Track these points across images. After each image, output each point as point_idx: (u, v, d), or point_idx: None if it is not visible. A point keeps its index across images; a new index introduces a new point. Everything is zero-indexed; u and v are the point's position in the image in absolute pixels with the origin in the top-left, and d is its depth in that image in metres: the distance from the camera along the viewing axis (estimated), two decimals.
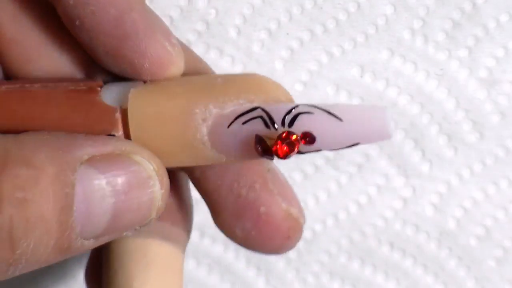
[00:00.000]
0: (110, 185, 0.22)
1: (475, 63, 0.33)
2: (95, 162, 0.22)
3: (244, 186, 0.25)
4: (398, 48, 0.33)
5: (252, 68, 0.33)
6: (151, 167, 0.22)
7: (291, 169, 0.35)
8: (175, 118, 0.23)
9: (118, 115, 0.23)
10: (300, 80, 0.33)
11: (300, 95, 0.34)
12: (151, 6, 0.33)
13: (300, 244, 0.36)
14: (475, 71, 0.33)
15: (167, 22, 0.33)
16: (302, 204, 0.35)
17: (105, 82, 0.24)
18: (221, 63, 0.33)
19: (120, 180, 0.22)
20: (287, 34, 0.33)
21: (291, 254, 0.36)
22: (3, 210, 0.20)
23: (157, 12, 0.33)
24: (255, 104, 0.23)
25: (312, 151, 0.22)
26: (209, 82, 0.24)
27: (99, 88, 0.24)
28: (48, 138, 0.22)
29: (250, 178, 0.25)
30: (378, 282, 0.36)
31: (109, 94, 0.24)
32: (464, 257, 0.36)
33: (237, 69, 0.33)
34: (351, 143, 0.22)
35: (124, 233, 0.23)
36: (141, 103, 0.23)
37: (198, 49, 0.33)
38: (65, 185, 0.21)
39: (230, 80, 0.24)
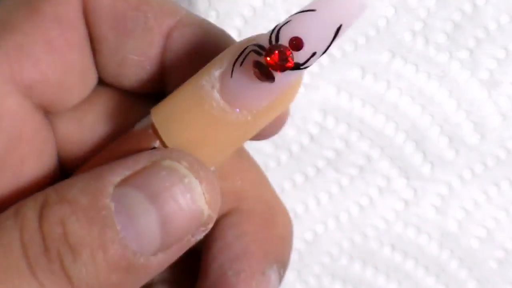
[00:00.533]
0: (148, 197, 0.23)
1: (476, 65, 0.33)
2: (130, 180, 0.23)
3: (232, 268, 0.26)
4: (399, 49, 0.33)
5: None
6: (182, 166, 0.23)
7: (292, 171, 0.35)
8: (190, 101, 0.24)
9: (150, 131, 0.24)
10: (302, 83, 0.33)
11: (301, 97, 0.34)
12: None
13: (301, 246, 0.36)
14: (476, 72, 0.33)
15: None
16: (303, 206, 0.36)
17: None
18: None
19: (155, 189, 0.23)
20: None
21: (292, 256, 0.36)
22: (49, 247, 0.22)
23: None
24: (244, 45, 0.23)
25: (309, 59, 0.22)
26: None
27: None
28: (82, 174, 0.23)
29: (242, 266, 0.26)
30: (379, 284, 0.36)
31: (141, 123, 0.25)
32: (466, 259, 0.36)
33: None
34: (335, 27, 0.22)
35: (192, 238, 0.23)
36: (161, 109, 0.24)
37: None
38: (100, 209, 0.22)
39: None
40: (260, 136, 0.25)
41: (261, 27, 0.33)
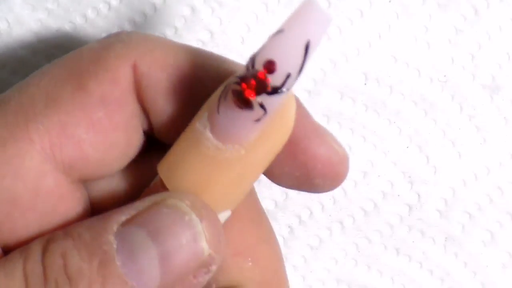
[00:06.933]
0: (149, 234, 0.23)
1: (478, 69, 0.33)
2: (134, 219, 0.23)
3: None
4: (401, 55, 0.33)
5: None
6: (184, 204, 0.23)
7: None
8: (187, 146, 0.24)
9: (158, 184, 0.25)
10: (305, 88, 0.34)
11: (304, 103, 0.34)
12: (155, 16, 0.33)
13: (307, 252, 0.36)
14: (478, 77, 0.34)
15: (171, 32, 0.33)
16: (307, 212, 0.36)
17: None
18: None
19: (156, 226, 0.23)
20: None
21: (297, 260, 0.36)
22: (48, 278, 0.22)
23: (162, 22, 0.33)
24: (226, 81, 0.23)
25: (286, 82, 0.22)
26: None
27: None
28: (92, 217, 0.24)
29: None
30: None
31: (154, 180, 0.25)
32: (470, 263, 0.36)
33: None
34: (303, 44, 0.22)
35: (194, 280, 0.23)
36: (164, 161, 0.25)
37: None
38: (102, 244, 0.23)
39: None
40: (318, 188, 0.25)
41: (264, 34, 0.33)
